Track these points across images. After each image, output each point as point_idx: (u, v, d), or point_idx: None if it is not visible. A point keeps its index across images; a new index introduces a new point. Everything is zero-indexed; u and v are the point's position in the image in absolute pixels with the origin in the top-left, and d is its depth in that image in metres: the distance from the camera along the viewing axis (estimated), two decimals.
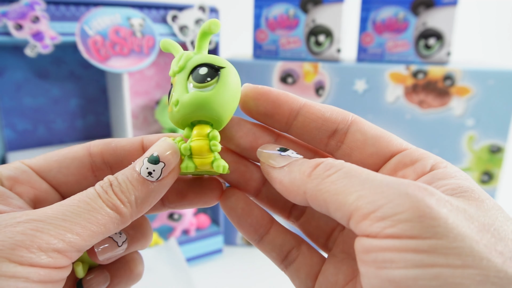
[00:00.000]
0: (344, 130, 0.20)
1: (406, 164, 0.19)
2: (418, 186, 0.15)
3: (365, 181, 0.15)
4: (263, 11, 0.62)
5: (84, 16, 0.50)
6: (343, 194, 0.15)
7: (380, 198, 0.14)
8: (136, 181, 0.19)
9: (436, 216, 0.13)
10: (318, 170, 0.17)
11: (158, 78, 0.67)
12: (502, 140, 0.59)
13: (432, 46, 0.60)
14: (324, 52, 0.62)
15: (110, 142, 0.21)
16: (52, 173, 0.20)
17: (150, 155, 0.19)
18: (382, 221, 0.14)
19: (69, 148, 0.21)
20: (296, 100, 0.20)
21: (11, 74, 0.58)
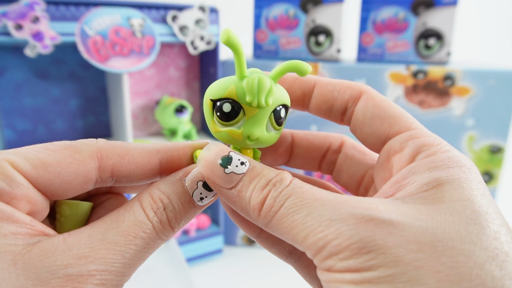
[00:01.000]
0: (353, 108, 0.20)
1: (395, 150, 0.18)
2: (356, 218, 0.14)
3: (306, 217, 0.15)
4: (263, 11, 0.62)
5: (84, 16, 0.50)
6: (291, 233, 0.15)
7: (320, 239, 0.14)
8: (188, 205, 0.18)
9: (375, 245, 0.13)
10: (264, 209, 0.16)
11: (158, 78, 0.67)
12: (502, 140, 0.59)
13: (432, 46, 0.60)
14: (324, 52, 0.62)
15: (124, 155, 0.18)
16: (52, 187, 0.17)
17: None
18: (329, 259, 0.14)
19: (73, 156, 0.17)
20: (308, 83, 0.20)
21: (11, 74, 0.58)
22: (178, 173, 0.18)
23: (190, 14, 0.56)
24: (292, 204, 0.16)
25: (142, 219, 0.16)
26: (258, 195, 0.16)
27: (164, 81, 0.67)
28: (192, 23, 0.56)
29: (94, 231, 0.16)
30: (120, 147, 0.18)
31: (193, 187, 0.18)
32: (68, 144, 0.17)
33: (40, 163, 0.16)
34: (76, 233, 0.16)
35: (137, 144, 0.19)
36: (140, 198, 0.17)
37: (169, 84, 0.68)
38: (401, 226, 0.14)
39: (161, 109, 0.63)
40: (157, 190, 0.18)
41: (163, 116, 0.62)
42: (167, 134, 0.66)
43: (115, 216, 0.17)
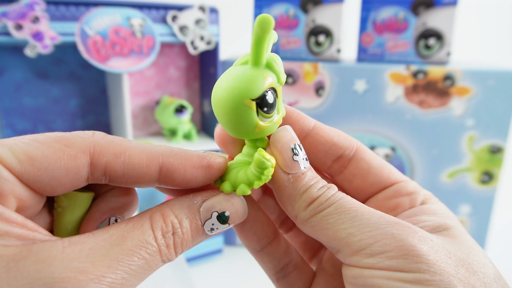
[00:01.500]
0: (349, 156, 0.21)
1: (402, 194, 0.21)
2: (402, 225, 0.17)
3: (353, 218, 0.17)
4: (263, 11, 0.62)
5: (84, 16, 0.50)
6: (332, 229, 0.17)
7: (368, 237, 0.16)
8: (196, 233, 0.17)
9: (419, 253, 0.16)
10: (314, 204, 0.18)
11: (158, 78, 0.67)
12: (502, 140, 0.59)
13: (432, 46, 0.60)
14: (324, 52, 0.62)
15: (120, 154, 0.17)
16: (39, 184, 0.15)
17: (222, 213, 0.17)
18: (371, 257, 0.16)
19: (63, 150, 0.16)
20: (307, 121, 0.21)
21: (11, 74, 0.58)
22: (196, 198, 0.18)
23: (190, 14, 0.56)
24: (341, 206, 0.17)
25: (150, 241, 0.16)
26: (314, 191, 0.18)
27: (164, 81, 0.67)
28: (192, 23, 0.56)
29: (97, 243, 0.15)
30: (117, 144, 0.17)
31: (207, 217, 0.17)
32: (60, 136, 0.16)
33: (27, 157, 0.15)
34: (78, 242, 0.15)
35: (137, 143, 0.17)
36: (152, 217, 0.16)
37: (169, 84, 0.68)
38: (439, 245, 0.16)
39: (161, 109, 0.63)
40: (170, 213, 0.17)
41: (163, 116, 0.62)
42: (167, 134, 0.66)
43: (122, 231, 0.16)
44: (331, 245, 0.17)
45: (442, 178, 0.61)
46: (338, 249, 0.17)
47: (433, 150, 0.60)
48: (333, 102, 0.60)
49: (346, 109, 0.60)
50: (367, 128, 0.60)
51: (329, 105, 0.60)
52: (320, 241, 0.18)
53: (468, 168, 0.61)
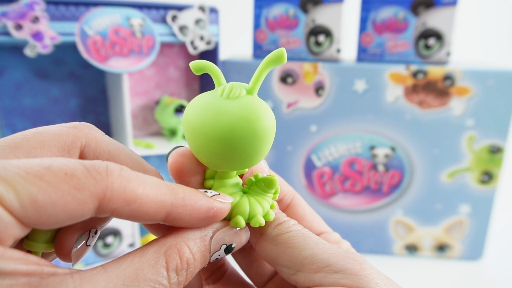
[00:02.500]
0: (287, 202, 0.24)
1: (330, 241, 0.23)
2: (357, 255, 0.19)
3: (317, 241, 0.19)
4: (263, 11, 0.62)
5: (84, 16, 0.50)
6: (297, 249, 0.19)
7: (332, 257, 0.18)
8: (203, 264, 0.18)
9: (373, 276, 0.18)
10: (282, 226, 0.20)
11: (158, 78, 0.67)
12: (502, 140, 0.59)
13: (432, 46, 0.60)
14: (324, 52, 0.62)
15: (131, 202, 0.15)
16: (37, 225, 0.14)
17: (230, 245, 0.18)
18: (336, 273, 0.17)
19: (72, 195, 0.14)
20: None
21: (11, 74, 0.58)
22: (207, 230, 0.18)
23: (190, 14, 0.56)
24: (307, 232, 0.20)
25: (163, 282, 0.15)
26: (283, 216, 0.20)
27: (164, 81, 0.67)
28: (192, 23, 0.56)
29: (110, 282, 0.14)
30: (130, 191, 0.15)
31: (216, 249, 0.18)
32: (70, 174, 0.14)
33: (31, 201, 0.13)
34: (89, 280, 0.14)
35: (150, 189, 0.16)
36: (167, 253, 0.16)
37: (169, 84, 0.68)
38: (378, 272, 0.19)
39: (161, 109, 0.63)
40: (186, 248, 0.16)
41: (163, 116, 0.62)
42: (167, 134, 0.66)
43: (135, 268, 0.15)
44: (292, 264, 0.18)
45: (442, 178, 0.61)
46: (299, 267, 0.18)
47: (433, 150, 0.60)
48: (333, 102, 0.60)
49: (346, 109, 0.60)
50: (367, 128, 0.60)
51: (329, 105, 0.60)
52: (278, 261, 0.19)
53: (468, 168, 0.61)
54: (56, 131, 0.18)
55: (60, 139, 0.18)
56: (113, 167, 0.15)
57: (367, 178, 0.63)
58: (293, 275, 0.18)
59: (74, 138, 0.18)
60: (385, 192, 0.63)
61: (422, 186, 0.62)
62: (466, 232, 0.64)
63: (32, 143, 0.17)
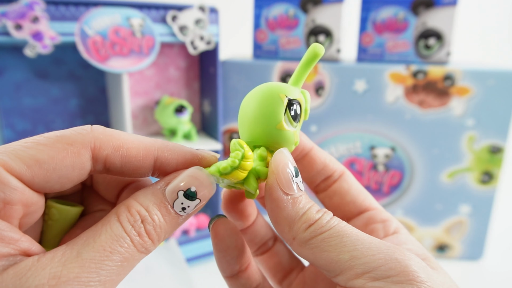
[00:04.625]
0: (336, 177, 0.24)
1: (376, 221, 0.23)
2: (402, 252, 0.17)
3: (355, 241, 0.17)
4: (263, 11, 0.62)
5: (83, 16, 0.50)
6: (335, 252, 0.17)
7: (372, 261, 0.16)
8: (168, 216, 0.17)
9: (422, 280, 0.16)
10: (315, 226, 0.18)
11: (158, 78, 0.67)
12: (502, 140, 0.59)
13: (432, 46, 0.60)
14: (324, 52, 0.62)
15: (119, 147, 0.17)
16: (49, 184, 0.16)
17: (187, 189, 0.17)
18: (376, 281, 0.16)
19: (66, 149, 0.16)
20: (308, 142, 0.23)
21: (11, 74, 0.58)
22: (158, 183, 0.18)
23: (190, 14, 0.56)
24: (342, 230, 0.18)
25: (119, 233, 0.16)
26: (313, 213, 0.18)
27: (164, 81, 0.67)
28: (192, 23, 0.56)
29: (69, 248, 0.15)
30: (116, 138, 0.17)
31: (174, 197, 0.17)
32: (60, 135, 0.16)
33: (34, 161, 0.15)
34: (52, 251, 0.15)
35: (135, 137, 0.18)
36: (117, 211, 0.17)
37: (169, 84, 0.68)
38: (432, 274, 0.17)
39: (161, 109, 0.63)
40: (135, 202, 0.17)
41: (162, 116, 0.62)
42: (167, 134, 0.66)
43: (92, 232, 0.16)
44: (331, 268, 0.17)
45: (442, 178, 0.61)
46: (338, 272, 0.17)
47: (433, 150, 0.60)
48: (333, 102, 0.60)
49: (346, 109, 0.59)
50: (367, 128, 0.60)
51: (329, 105, 0.60)
52: (316, 264, 0.18)
53: (468, 168, 0.61)
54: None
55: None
56: (97, 126, 0.18)
57: (367, 178, 0.63)
58: (333, 278, 0.17)
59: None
60: (385, 192, 0.63)
61: (422, 186, 0.62)
62: (466, 232, 0.64)
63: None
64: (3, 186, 0.15)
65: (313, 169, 0.23)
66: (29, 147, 0.16)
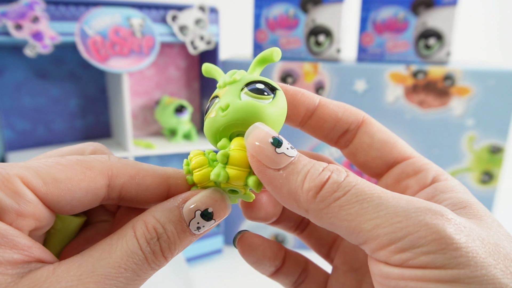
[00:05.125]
0: (354, 130, 0.20)
1: (409, 174, 0.20)
2: (435, 212, 0.14)
3: (378, 206, 0.15)
4: (263, 11, 0.62)
5: (83, 16, 0.50)
6: (355, 221, 0.15)
7: (399, 229, 0.14)
8: (183, 234, 0.17)
9: (457, 246, 0.14)
10: (324, 192, 0.15)
11: (158, 78, 0.67)
12: (502, 140, 0.59)
13: (432, 46, 0.60)
14: (324, 52, 0.62)
15: (135, 176, 0.18)
16: (61, 204, 0.16)
17: (205, 210, 0.17)
18: (403, 252, 0.14)
19: (84, 173, 0.17)
20: (312, 99, 0.20)
21: (11, 74, 0.58)
22: (176, 200, 0.17)
23: (190, 14, 0.56)
24: (360, 192, 0.15)
25: (135, 250, 0.16)
26: (316, 177, 0.15)
27: (164, 81, 0.67)
28: (192, 23, 0.56)
29: (85, 260, 0.15)
30: (131, 167, 0.18)
31: (191, 216, 0.17)
32: (80, 159, 0.17)
33: (52, 179, 0.16)
34: (67, 262, 0.15)
35: (148, 166, 0.18)
36: (134, 226, 0.16)
37: (169, 84, 0.68)
38: (472, 231, 0.14)
39: (161, 109, 0.63)
40: (152, 218, 0.17)
41: (163, 116, 0.62)
42: (167, 134, 0.66)
43: (107, 245, 0.16)
44: (354, 237, 0.15)
45: None
46: (363, 241, 0.15)
47: (433, 150, 0.60)
48: None
49: None
50: None
51: None
52: (339, 233, 0.16)
53: (468, 168, 0.61)
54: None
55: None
56: (113, 155, 0.18)
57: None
58: (359, 245, 0.15)
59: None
60: None
61: None
62: None
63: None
64: (18, 197, 0.15)
65: (324, 128, 0.20)
66: (49, 166, 0.16)
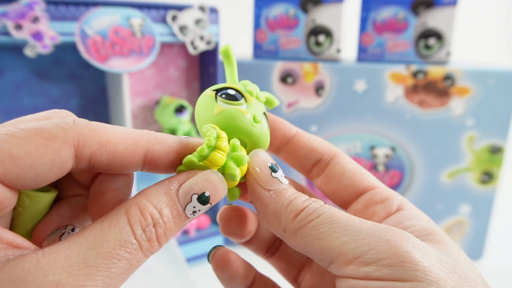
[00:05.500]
0: (327, 161, 0.22)
1: (376, 201, 0.21)
2: (395, 232, 0.16)
3: (345, 226, 0.17)
4: (263, 11, 0.62)
5: (84, 16, 0.50)
6: (325, 239, 0.17)
7: (362, 245, 0.16)
8: (179, 219, 0.16)
9: (415, 261, 0.15)
10: (302, 215, 0.17)
11: (158, 78, 0.67)
12: (502, 140, 0.59)
13: (432, 46, 0.60)
14: (324, 52, 0.62)
15: (105, 143, 0.16)
16: (24, 182, 0.14)
17: (202, 194, 0.16)
18: (367, 266, 0.15)
19: (46, 145, 0.14)
20: (289, 128, 0.22)
21: (11, 74, 0.58)
22: (171, 183, 0.17)
23: (190, 14, 0.56)
24: (331, 216, 0.17)
25: (129, 239, 0.15)
26: (299, 203, 0.18)
27: (164, 81, 0.67)
28: (192, 23, 0.56)
29: (73, 250, 0.14)
30: (101, 133, 0.16)
31: (187, 201, 0.16)
32: (39, 128, 0.14)
33: (8, 157, 0.14)
34: (52, 252, 0.14)
35: (122, 130, 0.17)
36: (128, 211, 0.15)
37: (169, 84, 0.68)
38: (430, 252, 0.16)
39: (161, 109, 0.63)
40: (148, 203, 0.16)
41: (163, 116, 0.62)
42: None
43: (98, 232, 0.14)
44: (323, 256, 0.17)
45: (442, 178, 0.61)
46: (331, 260, 0.16)
47: (433, 150, 0.60)
48: (333, 102, 0.60)
49: (346, 109, 0.59)
50: (367, 128, 0.60)
51: (329, 105, 0.60)
52: (310, 254, 0.17)
53: (468, 168, 0.61)
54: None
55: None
56: (80, 119, 0.16)
57: None
58: (327, 267, 0.17)
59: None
60: None
61: (422, 186, 0.62)
62: (466, 232, 0.64)
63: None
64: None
65: (299, 154, 0.22)
66: (2, 140, 0.14)
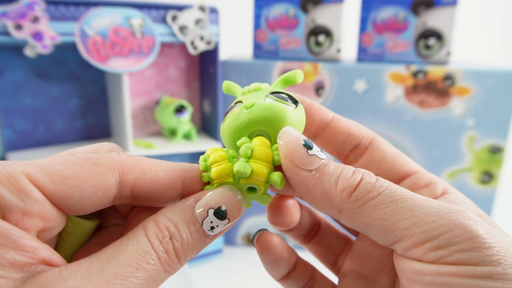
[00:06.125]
0: (365, 146, 0.22)
1: (420, 186, 0.21)
2: (465, 214, 0.15)
3: (412, 206, 0.16)
4: (263, 11, 0.62)
5: (84, 16, 0.50)
6: (390, 220, 0.16)
7: (434, 228, 0.15)
8: (197, 235, 0.16)
9: (490, 246, 0.15)
10: (358, 192, 0.16)
11: (158, 78, 0.67)
12: (502, 140, 0.59)
13: (432, 46, 0.60)
14: (324, 52, 0.62)
15: (146, 171, 0.17)
16: (69, 202, 0.15)
17: (218, 208, 0.17)
18: (439, 250, 0.15)
19: (93, 169, 0.16)
20: (326, 113, 0.22)
21: (11, 74, 0.58)
22: (188, 199, 0.17)
23: (190, 14, 0.56)
24: (393, 193, 0.16)
25: (146, 249, 0.15)
26: (349, 178, 0.16)
27: (164, 81, 0.67)
28: (192, 23, 0.56)
29: (93, 261, 0.14)
30: (142, 163, 0.17)
31: (204, 215, 0.16)
32: (89, 156, 0.16)
33: (59, 176, 0.15)
34: (74, 264, 0.14)
35: (160, 161, 0.18)
36: (145, 225, 0.16)
37: (169, 84, 0.68)
38: (498, 235, 0.15)
39: (161, 109, 0.63)
40: (163, 218, 0.16)
41: (163, 116, 0.62)
42: (167, 134, 0.66)
43: (117, 246, 0.15)
44: (386, 237, 0.16)
45: (442, 178, 0.61)
46: (395, 240, 0.16)
47: (433, 150, 0.60)
48: (333, 102, 0.60)
49: (346, 109, 0.59)
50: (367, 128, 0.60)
51: (329, 105, 0.60)
52: (369, 233, 0.16)
53: (468, 168, 0.61)
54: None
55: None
56: (123, 153, 0.17)
57: None
58: (390, 245, 0.16)
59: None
60: None
61: None
62: None
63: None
64: (24, 196, 0.14)
65: (336, 140, 0.21)
66: (57, 163, 0.15)
